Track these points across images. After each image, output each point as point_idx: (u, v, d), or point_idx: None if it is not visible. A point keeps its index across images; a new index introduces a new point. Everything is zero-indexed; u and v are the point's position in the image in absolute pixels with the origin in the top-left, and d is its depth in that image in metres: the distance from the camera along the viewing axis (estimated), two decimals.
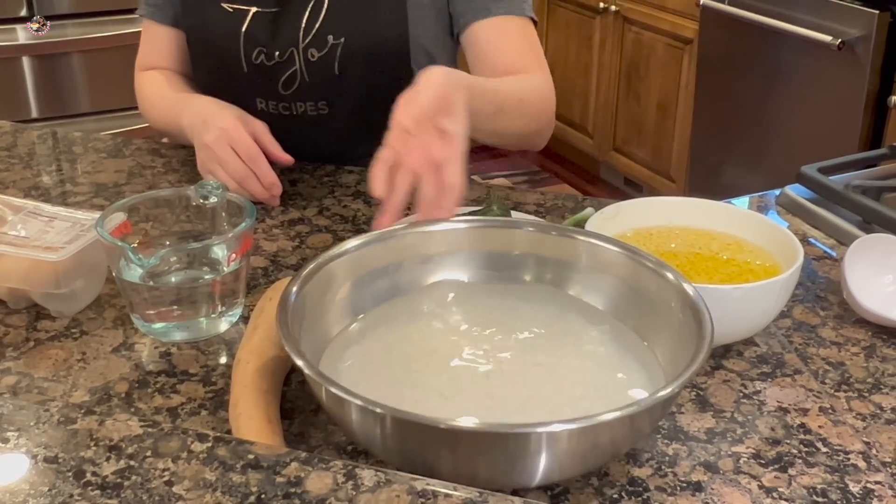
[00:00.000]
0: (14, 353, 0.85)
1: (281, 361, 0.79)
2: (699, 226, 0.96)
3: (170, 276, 0.88)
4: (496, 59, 1.22)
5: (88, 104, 2.82)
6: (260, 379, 0.76)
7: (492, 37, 1.22)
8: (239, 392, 0.75)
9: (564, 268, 0.85)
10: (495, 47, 1.22)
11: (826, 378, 0.84)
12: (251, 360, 0.78)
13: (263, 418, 0.72)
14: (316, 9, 1.18)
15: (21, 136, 1.39)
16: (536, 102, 1.20)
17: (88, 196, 1.18)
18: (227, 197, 0.92)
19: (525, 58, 1.22)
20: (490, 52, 1.22)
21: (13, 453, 0.58)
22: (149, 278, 0.86)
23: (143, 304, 0.87)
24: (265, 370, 0.77)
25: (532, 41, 1.24)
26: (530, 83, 1.20)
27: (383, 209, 0.86)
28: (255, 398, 0.74)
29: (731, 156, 2.83)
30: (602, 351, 0.80)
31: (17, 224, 0.93)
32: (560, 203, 1.17)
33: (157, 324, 0.87)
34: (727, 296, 0.81)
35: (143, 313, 0.87)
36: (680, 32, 2.95)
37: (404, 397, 0.73)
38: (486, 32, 1.22)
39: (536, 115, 1.20)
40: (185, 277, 0.88)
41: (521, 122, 1.17)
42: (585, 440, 0.64)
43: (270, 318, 0.81)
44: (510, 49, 1.22)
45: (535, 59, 1.23)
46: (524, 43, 1.23)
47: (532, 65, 1.22)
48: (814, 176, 1.16)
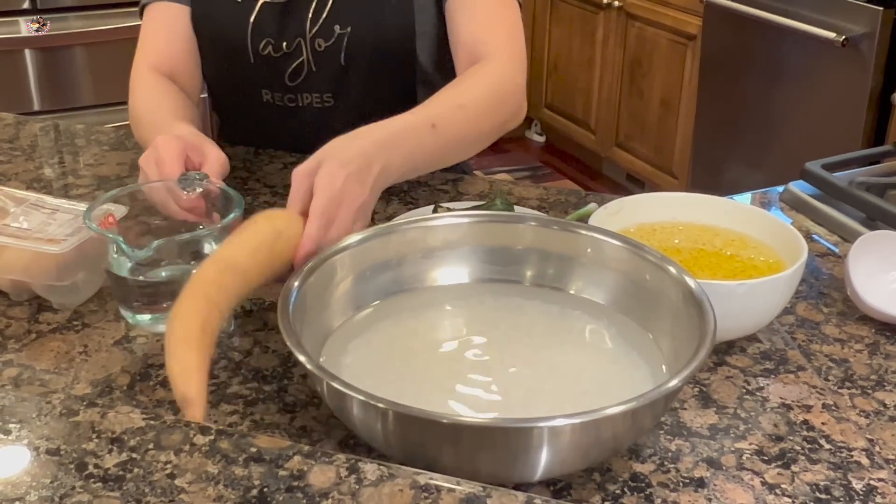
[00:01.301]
0: (16, 346, 0.85)
1: (238, 278, 0.77)
2: (703, 222, 0.96)
3: (158, 267, 0.87)
4: (464, 36, 1.18)
5: (91, 97, 2.82)
6: (209, 287, 0.74)
7: (465, 13, 1.19)
8: (184, 295, 0.73)
9: (568, 263, 0.85)
10: (466, 24, 1.18)
11: (829, 375, 0.84)
12: (210, 268, 0.76)
13: (197, 327, 0.70)
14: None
15: (23, 129, 1.39)
16: (484, 97, 1.13)
17: (91, 188, 1.18)
18: (210, 187, 0.91)
19: (493, 37, 1.18)
20: (461, 28, 1.19)
21: (15, 445, 0.58)
22: (137, 270, 0.86)
23: (132, 296, 0.86)
24: (218, 282, 0.75)
25: (507, 19, 1.20)
26: (475, 79, 1.14)
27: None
28: (197, 306, 0.72)
29: (733, 152, 2.83)
30: (605, 346, 0.80)
31: (19, 216, 0.93)
32: (563, 198, 1.17)
33: (145, 315, 0.87)
34: (731, 292, 0.81)
35: (131, 304, 0.87)
36: (683, 28, 2.95)
37: (406, 391, 0.72)
38: (461, 8, 1.19)
39: (490, 110, 1.13)
40: (173, 269, 0.88)
41: (470, 125, 1.11)
42: (588, 434, 0.64)
43: (247, 233, 0.80)
44: (479, 27, 1.18)
45: (503, 34, 1.18)
46: (497, 21, 1.19)
47: (498, 44, 1.17)
48: (818, 172, 1.16)
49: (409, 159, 0.96)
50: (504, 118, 1.16)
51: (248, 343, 0.86)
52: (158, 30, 1.27)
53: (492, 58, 1.15)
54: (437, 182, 1.21)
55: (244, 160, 1.26)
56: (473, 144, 1.13)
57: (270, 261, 0.80)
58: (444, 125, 1.03)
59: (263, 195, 1.16)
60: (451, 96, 1.10)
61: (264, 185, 1.19)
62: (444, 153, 1.07)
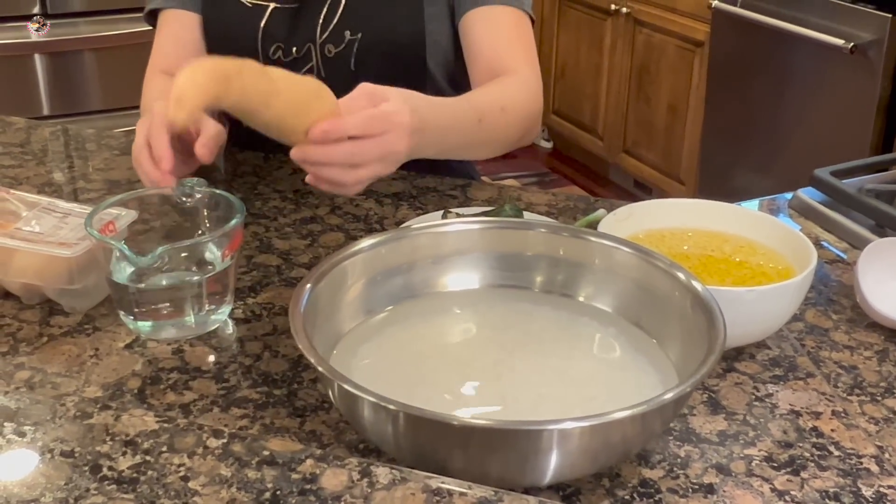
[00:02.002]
0: (28, 349, 0.85)
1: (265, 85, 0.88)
2: (712, 228, 0.96)
3: (158, 273, 0.87)
4: (484, 49, 1.21)
5: (100, 102, 2.83)
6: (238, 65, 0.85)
7: (484, 27, 1.22)
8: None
9: (577, 269, 0.86)
10: (486, 38, 1.22)
11: (839, 382, 0.84)
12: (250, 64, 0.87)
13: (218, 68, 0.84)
14: (334, 4, 1.19)
15: (34, 133, 1.39)
16: (520, 107, 1.18)
17: (101, 193, 1.19)
18: (207, 193, 0.92)
19: (513, 52, 1.21)
20: (480, 42, 1.22)
21: (30, 447, 0.59)
22: (138, 277, 0.86)
23: (133, 303, 0.86)
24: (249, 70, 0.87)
25: (524, 35, 1.23)
26: (513, 87, 1.19)
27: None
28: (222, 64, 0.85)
29: (741, 159, 2.83)
30: (614, 352, 0.80)
31: (31, 220, 0.94)
32: (572, 204, 1.17)
33: (146, 322, 0.87)
34: (740, 298, 0.81)
35: (132, 311, 0.87)
36: (691, 35, 2.95)
37: (416, 395, 0.73)
38: (480, 22, 1.22)
39: (521, 121, 1.19)
40: (174, 275, 0.88)
41: (505, 129, 1.17)
42: (597, 438, 0.64)
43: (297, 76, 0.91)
44: (500, 41, 1.21)
45: (525, 54, 1.22)
46: (515, 36, 1.22)
47: (519, 59, 1.21)
48: (827, 179, 1.16)
49: (446, 145, 1.05)
50: (525, 132, 1.21)
51: (257, 347, 0.86)
52: (169, 37, 1.29)
53: (518, 73, 1.19)
54: (447, 188, 1.21)
55: (254, 165, 1.27)
56: (498, 147, 1.20)
57: (298, 102, 0.89)
58: (488, 122, 1.11)
59: (273, 200, 1.16)
60: (495, 97, 1.16)
61: (274, 189, 1.19)
62: (475, 146, 1.15)
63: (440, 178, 1.24)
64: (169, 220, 0.94)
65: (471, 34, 1.23)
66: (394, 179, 1.23)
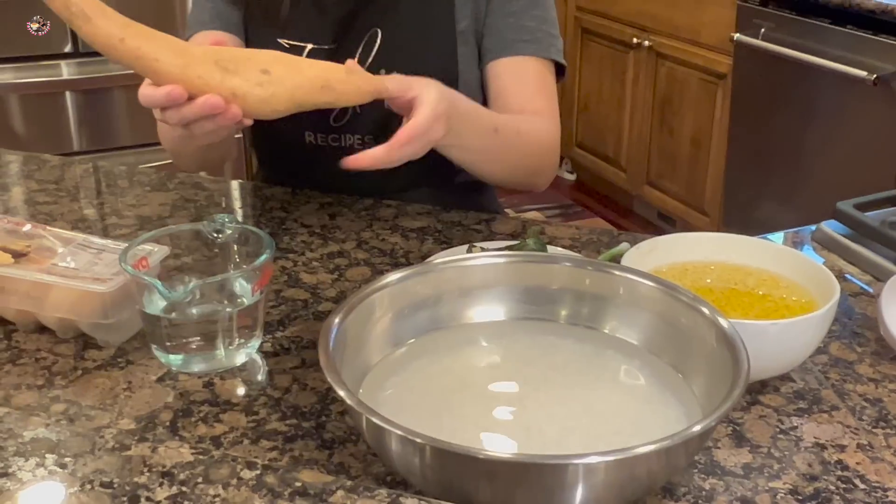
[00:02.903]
0: (63, 382, 0.87)
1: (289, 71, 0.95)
2: (735, 261, 0.97)
3: (189, 308, 0.89)
4: (508, 99, 1.25)
5: (129, 137, 2.88)
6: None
7: (510, 75, 1.26)
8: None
9: (601, 302, 0.87)
10: (511, 86, 1.26)
11: (863, 414, 0.84)
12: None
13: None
14: (369, 44, 1.22)
15: (68, 170, 1.43)
16: (535, 139, 1.23)
17: (133, 228, 1.21)
18: (238, 228, 0.94)
19: (537, 101, 1.25)
20: (504, 91, 1.26)
21: (71, 478, 0.60)
22: (170, 311, 0.88)
23: (164, 336, 0.88)
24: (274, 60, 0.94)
25: (548, 86, 1.27)
26: (534, 123, 1.23)
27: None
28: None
29: (765, 190, 2.83)
30: (639, 385, 0.81)
31: (66, 256, 0.96)
32: (595, 238, 1.19)
33: (178, 355, 0.89)
34: (763, 331, 0.82)
35: (163, 345, 0.89)
36: (713, 67, 2.97)
37: (443, 427, 0.74)
38: (507, 70, 1.26)
39: (534, 152, 1.23)
40: (204, 309, 0.90)
41: (518, 153, 1.21)
42: (622, 472, 0.65)
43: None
44: (525, 91, 1.25)
45: (547, 103, 1.26)
46: (539, 86, 1.26)
47: (542, 109, 1.25)
48: (849, 212, 1.17)
49: (466, 138, 1.11)
50: (538, 165, 1.23)
51: (286, 380, 0.88)
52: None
53: (538, 116, 1.22)
54: (471, 222, 1.23)
55: (282, 201, 1.29)
56: (510, 168, 1.24)
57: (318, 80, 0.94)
58: (503, 137, 1.17)
59: (301, 234, 1.18)
60: (513, 121, 1.21)
61: (301, 224, 1.21)
62: (489, 154, 1.19)
63: (465, 213, 1.25)
64: (200, 255, 0.96)
65: (496, 81, 1.26)
66: (419, 214, 1.25)
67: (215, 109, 0.91)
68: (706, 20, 2.97)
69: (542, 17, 1.26)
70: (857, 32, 2.42)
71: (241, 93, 0.92)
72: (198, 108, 0.91)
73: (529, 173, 1.27)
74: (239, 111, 0.92)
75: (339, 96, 0.95)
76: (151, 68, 0.90)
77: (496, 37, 1.25)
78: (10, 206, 1.29)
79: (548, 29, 1.27)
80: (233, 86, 0.91)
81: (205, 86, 0.91)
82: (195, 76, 0.90)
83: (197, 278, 0.86)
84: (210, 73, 0.91)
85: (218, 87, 0.91)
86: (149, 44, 0.91)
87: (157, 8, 2.71)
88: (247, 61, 0.92)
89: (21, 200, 1.32)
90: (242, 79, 0.92)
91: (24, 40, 2.66)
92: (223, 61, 0.91)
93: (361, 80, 0.96)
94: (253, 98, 0.92)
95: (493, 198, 1.44)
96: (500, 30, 1.26)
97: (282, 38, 1.24)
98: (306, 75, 0.94)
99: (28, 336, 0.95)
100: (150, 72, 0.91)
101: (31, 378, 0.88)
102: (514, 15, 1.25)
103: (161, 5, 2.72)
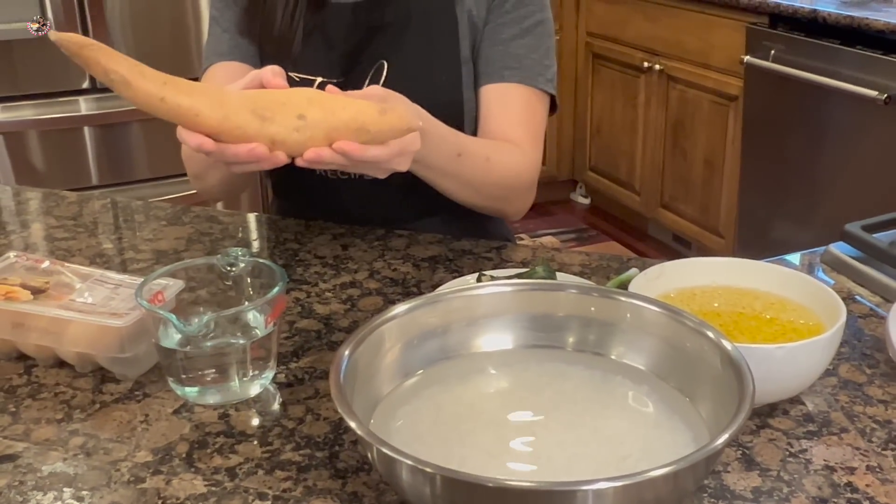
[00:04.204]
0: (81, 416, 0.89)
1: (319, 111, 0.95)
2: (742, 285, 0.98)
3: (204, 340, 0.90)
4: (490, 123, 1.26)
5: (146, 170, 2.92)
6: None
7: (495, 101, 1.27)
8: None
9: (608, 329, 0.88)
10: (494, 112, 1.27)
11: (873, 436, 0.85)
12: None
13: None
14: (376, 75, 1.24)
15: (86, 206, 1.45)
16: (504, 168, 1.23)
17: (150, 263, 1.23)
18: (251, 262, 0.95)
19: (517, 129, 1.26)
20: (489, 116, 1.27)
21: None
22: (185, 343, 0.89)
23: (180, 368, 0.90)
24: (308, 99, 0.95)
25: (534, 116, 1.28)
26: (507, 152, 1.23)
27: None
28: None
29: (779, 211, 2.83)
30: (647, 411, 0.82)
31: (84, 291, 0.98)
32: (605, 264, 1.20)
33: (193, 387, 0.90)
34: (770, 355, 0.82)
35: (179, 377, 0.90)
36: (724, 90, 2.98)
37: (454, 456, 0.75)
38: (492, 96, 1.27)
39: (501, 180, 1.23)
40: (219, 342, 0.91)
41: (482, 180, 1.21)
42: (630, 497, 0.66)
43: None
44: (507, 118, 1.26)
45: (528, 133, 1.26)
46: (522, 115, 1.27)
47: (521, 138, 1.26)
48: (857, 234, 1.17)
49: (431, 159, 1.13)
50: (508, 193, 1.26)
51: (300, 411, 0.89)
52: (222, 78, 1.30)
53: (518, 145, 1.24)
54: (482, 250, 1.24)
55: (295, 233, 1.31)
56: (475, 194, 1.24)
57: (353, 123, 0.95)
58: (467, 162, 1.17)
59: (314, 266, 1.20)
60: (483, 147, 1.21)
61: (315, 256, 1.23)
62: (449, 178, 1.19)
63: (475, 241, 1.27)
64: (214, 289, 0.98)
65: (483, 106, 1.28)
66: (430, 243, 1.26)
67: (261, 158, 0.94)
68: (716, 43, 2.99)
69: (532, 45, 1.28)
70: (866, 52, 2.43)
71: (280, 139, 0.93)
72: (244, 156, 0.93)
73: (495, 199, 1.27)
74: (284, 156, 0.95)
75: (374, 136, 0.96)
76: (193, 122, 0.93)
77: (486, 62, 1.27)
78: (30, 243, 1.31)
79: (538, 58, 1.28)
80: (271, 133, 0.93)
81: (243, 136, 0.93)
82: (234, 127, 0.93)
83: (211, 311, 0.88)
84: (248, 123, 0.93)
85: (256, 135, 0.93)
86: (188, 99, 0.93)
87: (173, 41, 2.75)
88: (282, 106, 0.94)
89: (41, 237, 1.34)
90: (279, 126, 0.93)
91: (42, 77, 2.71)
92: (259, 109, 0.93)
93: (395, 119, 0.97)
94: (291, 142, 0.94)
95: (504, 225, 1.46)
96: (490, 56, 1.27)
97: (293, 72, 1.26)
98: (341, 118, 0.95)
99: (48, 371, 0.96)
100: (191, 125, 0.93)
101: (51, 412, 0.89)
102: (503, 43, 1.27)
103: (176, 38, 2.77)
